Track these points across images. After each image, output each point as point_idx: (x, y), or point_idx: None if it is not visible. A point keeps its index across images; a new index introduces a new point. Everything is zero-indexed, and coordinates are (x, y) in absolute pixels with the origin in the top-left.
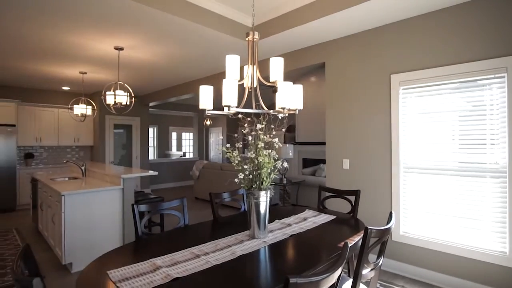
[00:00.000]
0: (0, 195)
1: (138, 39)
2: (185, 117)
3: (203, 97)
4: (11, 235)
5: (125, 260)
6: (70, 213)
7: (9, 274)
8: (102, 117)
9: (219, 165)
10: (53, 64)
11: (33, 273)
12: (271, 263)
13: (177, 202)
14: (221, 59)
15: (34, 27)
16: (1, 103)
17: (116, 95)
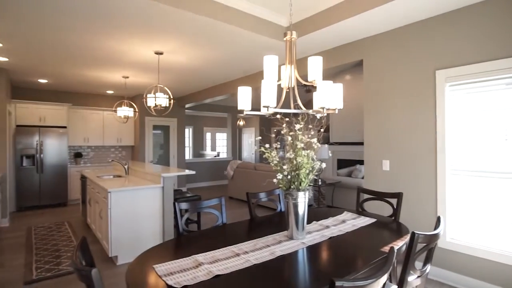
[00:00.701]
0: (54, 191)
1: (177, 44)
2: (219, 118)
3: (241, 98)
4: (64, 227)
5: (169, 256)
6: (115, 209)
7: (64, 263)
8: (142, 119)
9: (253, 165)
10: (99, 70)
11: (89, 263)
12: (310, 264)
13: (215, 201)
14: (256, 60)
15: (84, 37)
16: (55, 107)
17: (156, 98)
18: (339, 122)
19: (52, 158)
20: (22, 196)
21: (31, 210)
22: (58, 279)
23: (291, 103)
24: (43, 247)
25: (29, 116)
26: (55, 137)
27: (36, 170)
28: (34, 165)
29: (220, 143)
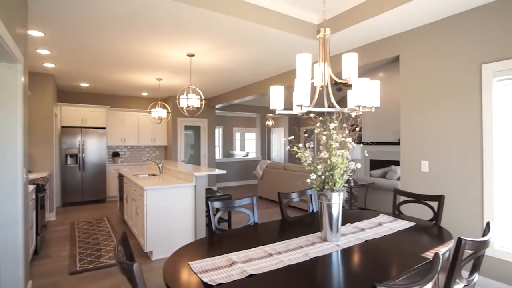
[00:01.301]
0: (94, 188)
1: (208, 45)
2: (248, 118)
3: (273, 97)
4: (103, 223)
5: (203, 253)
6: (151, 206)
7: (104, 256)
8: (175, 120)
9: (283, 165)
10: (135, 73)
11: (129, 257)
12: (345, 268)
13: (247, 200)
14: (286, 59)
15: (123, 42)
16: (95, 109)
17: (188, 99)
18: (371, 122)
19: (92, 157)
20: (66, 192)
21: (74, 206)
22: (99, 271)
23: (324, 102)
24: (85, 241)
25: (73, 118)
26: (95, 138)
27: (79, 168)
28: (76, 164)
29: (249, 143)
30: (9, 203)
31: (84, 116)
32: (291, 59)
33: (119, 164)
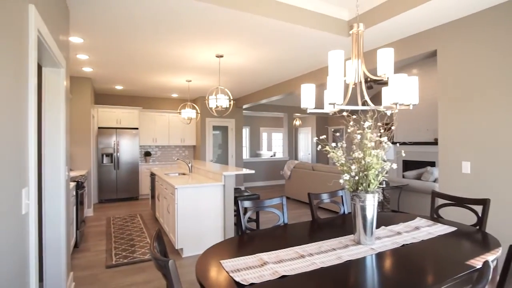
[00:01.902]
0: (128, 186)
1: (236, 46)
2: (275, 118)
3: (304, 95)
4: (136, 219)
5: (234, 252)
6: (181, 204)
7: (137, 251)
8: (203, 120)
9: (311, 165)
10: (165, 75)
11: (163, 253)
12: (381, 273)
13: (277, 200)
14: (316, 57)
15: (154, 45)
16: (128, 110)
17: (217, 99)
18: (404, 121)
19: (126, 156)
20: (102, 190)
21: (109, 203)
22: (133, 265)
23: (358, 100)
24: (120, 236)
25: (108, 119)
26: (128, 138)
27: (114, 167)
28: (112, 163)
29: (276, 143)
30: (54, 199)
31: (118, 117)
32: (320, 57)
33: (151, 163)
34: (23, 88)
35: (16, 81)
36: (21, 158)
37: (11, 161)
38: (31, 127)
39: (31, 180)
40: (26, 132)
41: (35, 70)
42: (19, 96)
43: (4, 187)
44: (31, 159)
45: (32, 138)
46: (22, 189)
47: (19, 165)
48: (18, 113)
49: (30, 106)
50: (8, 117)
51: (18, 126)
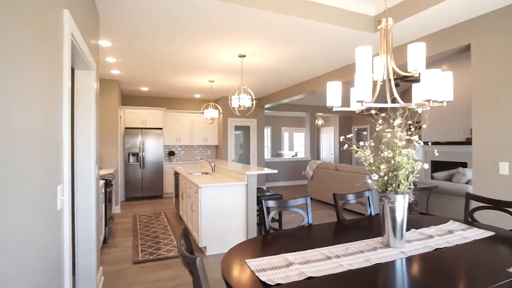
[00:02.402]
0: (153, 184)
1: (259, 45)
2: (297, 118)
3: (330, 93)
4: (161, 217)
5: (259, 252)
6: (205, 203)
7: (162, 248)
8: (225, 120)
9: (334, 165)
10: (189, 76)
11: (189, 250)
12: (413, 277)
13: (301, 200)
14: (340, 55)
15: (178, 47)
16: (153, 111)
17: (240, 99)
18: (432, 120)
19: (151, 156)
20: (129, 188)
21: (135, 200)
22: (158, 262)
23: (387, 97)
24: (146, 233)
25: (134, 119)
26: (153, 138)
27: (139, 166)
28: (137, 162)
29: (298, 143)
30: (85, 196)
31: (144, 118)
32: (345, 54)
33: (174, 162)
34: (59, 89)
35: (52, 84)
36: (56, 156)
37: (48, 159)
38: (65, 127)
39: (65, 178)
40: (61, 132)
41: (69, 73)
42: (55, 98)
43: (43, 183)
44: (66, 158)
45: (66, 138)
46: (58, 185)
47: (55, 163)
48: (54, 114)
49: (65, 107)
50: (46, 118)
51: (54, 126)
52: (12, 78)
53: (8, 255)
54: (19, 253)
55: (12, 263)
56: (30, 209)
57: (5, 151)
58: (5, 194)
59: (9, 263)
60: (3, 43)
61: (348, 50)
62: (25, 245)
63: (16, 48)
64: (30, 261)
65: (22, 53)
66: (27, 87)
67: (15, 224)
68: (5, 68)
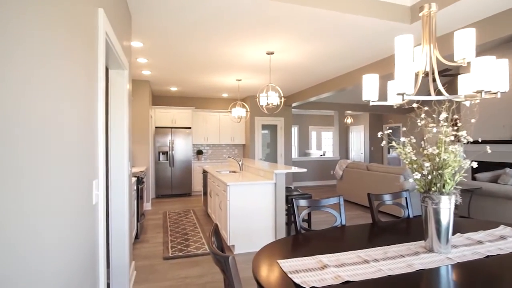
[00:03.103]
0: (182, 182)
1: (288, 42)
2: (325, 116)
3: (367, 87)
4: (190, 214)
5: (291, 252)
6: (233, 202)
7: (192, 246)
8: (252, 119)
9: (365, 164)
10: (216, 75)
11: (220, 248)
12: (462, 286)
13: (334, 199)
14: (373, 48)
15: (207, 46)
16: (182, 110)
17: (268, 96)
18: (472, 116)
19: (180, 154)
20: (159, 185)
21: (165, 198)
22: (188, 259)
23: (430, 89)
24: (175, 230)
25: (164, 119)
26: (182, 137)
27: (169, 165)
28: (167, 160)
29: (326, 142)
30: (118, 193)
31: (173, 117)
32: (378, 48)
33: (202, 161)
34: (94, 88)
35: (87, 82)
36: (92, 153)
37: (84, 155)
38: (100, 124)
39: (100, 173)
40: (96, 129)
41: (104, 72)
42: (90, 96)
43: (79, 178)
44: (100, 154)
45: (101, 135)
46: (93, 180)
47: (90, 159)
48: (90, 111)
49: (99, 105)
50: (83, 116)
51: (90, 123)
52: (48, 77)
53: (45, 250)
54: (55, 249)
55: (49, 259)
56: (67, 203)
57: (43, 147)
58: (42, 188)
59: (46, 259)
60: (42, 41)
61: (383, 43)
62: (61, 240)
63: (53, 47)
64: (66, 256)
65: (60, 53)
66: (62, 84)
67: (52, 218)
68: (46, 68)
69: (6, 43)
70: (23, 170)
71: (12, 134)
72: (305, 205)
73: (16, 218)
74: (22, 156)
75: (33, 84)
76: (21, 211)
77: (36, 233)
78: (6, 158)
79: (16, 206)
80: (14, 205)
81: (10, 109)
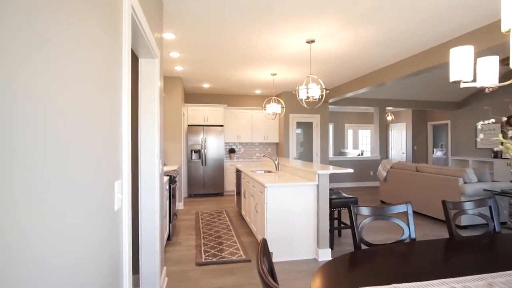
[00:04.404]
0: (214, 182)
1: (331, 27)
2: (362, 113)
3: (456, 64)
4: (222, 215)
5: (357, 279)
6: (271, 205)
7: (225, 251)
8: (287, 116)
9: (414, 165)
10: (250, 69)
11: (270, 271)
12: None
13: (401, 207)
14: (434, 28)
15: (240, 35)
16: (214, 108)
17: (308, 89)
18: None
19: (212, 153)
20: (191, 184)
21: (197, 197)
22: (221, 266)
23: None
24: (208, 232)
25: (196, 116)
26: (214, 135)
27: (201, 163)
28: (199, 159)
29: (363, 141)
30: (149, 192)
31: (205, 115)
32: (443, 28)
33: (235, 160)
34: (117, 73)
35: (109, 65)
36: (114, 148)
37: (104, 150)
38: (125, 117)
39: (124, 173)
40: (120, 122)
41: (129, 55)
42: (112, 83)
43: (97, 178)
44: (125, 149)
45: (126, 127)
46: (115, 182)
47: (112, 157)
48: (111, 101)
49: (124, 94)
50: (98, 105)
51: (111, 116)
52: (58, 53)
53: (53, 264)
54: (62, 272)
55: (58, 273)
56: (77, 210)
57: (50, 143)
58: (48, 191)
59: (55, 273)
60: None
61: (446, 23)
62: (73, 261)
63: (64, 18)
64: (80, 270)
65: (72, 25)
66: (74, 67)
67: (59, 226)
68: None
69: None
70: (16, 168)
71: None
72: (367, 213)
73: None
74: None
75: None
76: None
77: (39, 256)
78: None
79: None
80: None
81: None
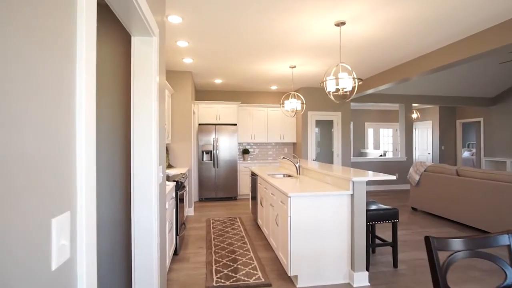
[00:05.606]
0: (227, 185)
1: (365, 5)
2: (383, 111)
3: None
4: (236, 224)
5: None
6: (296, 218)
7: (240, 270)
8: (305, 114)
9: (454, 168)
10: (267, 60)
11: None
12: None
13: (502, 239)
14: (484, 8)
15: (255, 17)
16: (227, 105)
17: (339, 79)
18: None
19: (224, 154)
20: (202, 188)
21: (209, 202)
22: None
23: None
24: (220, 245)
25: (207, 115)
26: (227, 134)
27: (213, 165)
28: (211, 160)
29: (385, 140)
30: (144, 210)
31: (217, 113)
32: (498, 5)
33: (249, 161)
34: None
35: None
36: (57, 156)
37: (24, 162)
38: (82, 104)
39: (78, 199)
40: (73, 112)
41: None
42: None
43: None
44: (79, 159)
45: (83, 129)
46: (53, 218)
47: (47, 171)
48: (46, 79)
49: (80, 67)
50: None
51: (45, 101)
52: None
53: None
54: None
55: None
56: None
57: None
58: None
59: None
60: None
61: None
62: None
63: None
64: None
65: None
66: None
67: None
68: None
69: None
70: None
71: None
72: (455, 248)
73: None
74: None
75: None
76: None
77: None
78: None
79: None
80: None
81: None
